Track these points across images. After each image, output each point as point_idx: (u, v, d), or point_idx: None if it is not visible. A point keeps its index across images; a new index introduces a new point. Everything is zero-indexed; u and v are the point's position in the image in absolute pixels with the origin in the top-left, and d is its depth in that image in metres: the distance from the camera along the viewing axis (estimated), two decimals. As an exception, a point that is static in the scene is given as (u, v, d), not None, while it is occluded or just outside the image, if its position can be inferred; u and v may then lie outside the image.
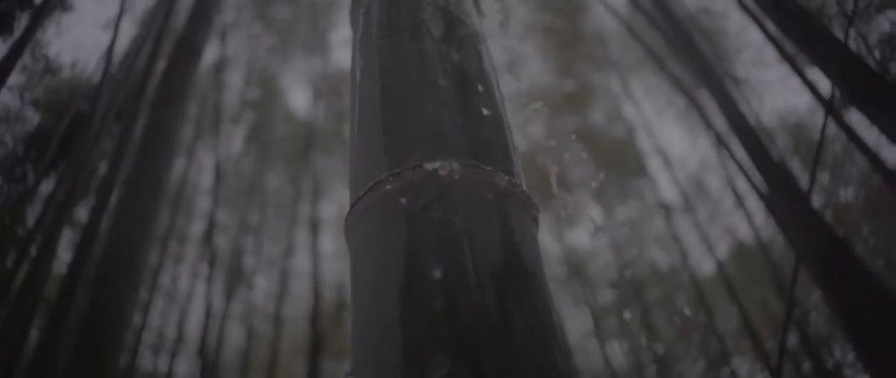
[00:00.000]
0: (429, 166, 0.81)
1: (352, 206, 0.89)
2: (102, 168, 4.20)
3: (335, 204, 10.05)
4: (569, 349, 0.72)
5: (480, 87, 0.95)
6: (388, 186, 0.82)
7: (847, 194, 6.35)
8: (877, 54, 4.49)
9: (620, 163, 9.77)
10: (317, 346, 7.67)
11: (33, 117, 4.63)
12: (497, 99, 0.96)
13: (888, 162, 4.60)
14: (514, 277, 0.72)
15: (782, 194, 4.63)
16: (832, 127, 4.47)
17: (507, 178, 0.83)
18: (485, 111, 0.91)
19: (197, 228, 7.89)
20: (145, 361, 6.46)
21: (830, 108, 3.98)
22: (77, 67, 4.95)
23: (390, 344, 0.68)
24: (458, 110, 0.90)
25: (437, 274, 0.70)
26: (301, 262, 8.88)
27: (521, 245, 0.76)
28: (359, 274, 0.84)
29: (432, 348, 0.65)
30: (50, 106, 4.70)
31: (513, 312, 0.68)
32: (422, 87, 0.93)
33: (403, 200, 0.79)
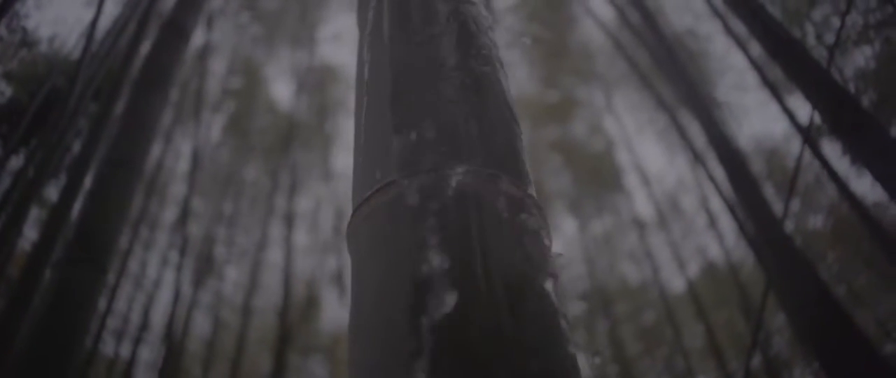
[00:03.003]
0: (443, 170, 0.79)
1: (356, 207, 0.86)
2: (77, 147, 4.08)
3: (311, 198, 9.96)
4: (577, 362, 0.71)
5: (495, 93, 0.93)
6: (398, 189, 0.79)
7: (816, 221, 6.52)
8: (852, 87, 4.62)
9: (598, 176, 9.87)
10: (284, 340, 7.58)
11: (6, 90, 4.49)
12: (510, 106, 0.94)
13: (857, 192, 4.74)
14: (526, 288, 0.71)
15: (756, 217, 4.72)
16: (805, 155, 4.58)
17: (520, 187, 0.82)
18: (499, 118, 0.90)
19: (170, 215, 7.75)
20: (108, 347, 6.31)
21: (807, 135, 4.07)
22: (56, 42, 4.81)
23: (396, 353, 0.66)
24: (472, 115, 0.88)
25: (447, 281, 0.68)
26: (273, 255, 8.78)
27: (533, 255, 0.75)
28: (361, 277, 0.81)
29: (440, 358, 0.63)
30: (25, 79, 4.56)
31: (523, 323, 0.67)
32: (435, 89, 0.90)
33: (414, 204, 0.77)
